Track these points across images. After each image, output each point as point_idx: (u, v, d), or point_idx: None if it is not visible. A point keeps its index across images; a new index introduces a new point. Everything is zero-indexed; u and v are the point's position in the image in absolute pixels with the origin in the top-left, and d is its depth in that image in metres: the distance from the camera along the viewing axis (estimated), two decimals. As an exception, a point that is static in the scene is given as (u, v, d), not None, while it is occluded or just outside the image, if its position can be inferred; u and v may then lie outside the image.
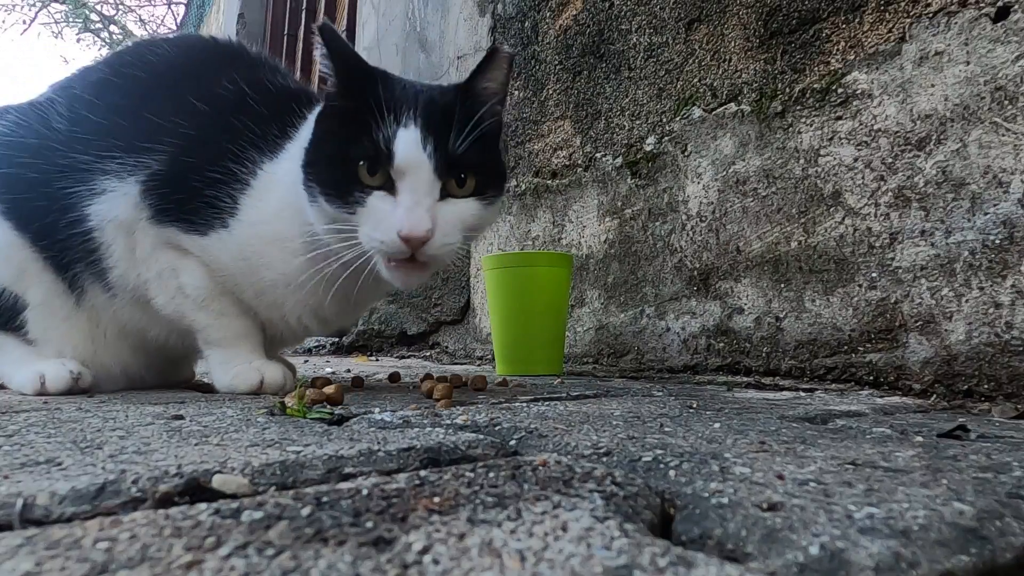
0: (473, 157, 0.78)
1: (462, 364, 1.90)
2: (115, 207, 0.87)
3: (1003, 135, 0.89)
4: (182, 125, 0.86)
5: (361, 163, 0.76)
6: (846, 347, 1.05)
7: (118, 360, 0.96)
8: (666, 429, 0.59)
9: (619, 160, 1.50)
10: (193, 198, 0.85)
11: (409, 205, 0.75)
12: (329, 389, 0.76)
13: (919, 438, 0.58)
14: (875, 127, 1.03)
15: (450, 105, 0.78)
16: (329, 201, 0.78)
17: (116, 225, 0.87)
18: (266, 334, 0.95)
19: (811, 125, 1.12)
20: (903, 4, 1.01)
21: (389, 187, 0.76)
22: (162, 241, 0.88)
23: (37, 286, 0.90)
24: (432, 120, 0.76)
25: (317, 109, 0.87)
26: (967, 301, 0.91)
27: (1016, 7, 0.88)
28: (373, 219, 0.76)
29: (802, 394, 0.99)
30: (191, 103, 0.87)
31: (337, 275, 0.81)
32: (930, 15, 0.97)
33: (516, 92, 1.83)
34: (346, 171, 0.77)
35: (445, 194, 0.78)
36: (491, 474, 0.40)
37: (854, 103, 1.06)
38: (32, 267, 0.90)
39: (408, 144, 0.75)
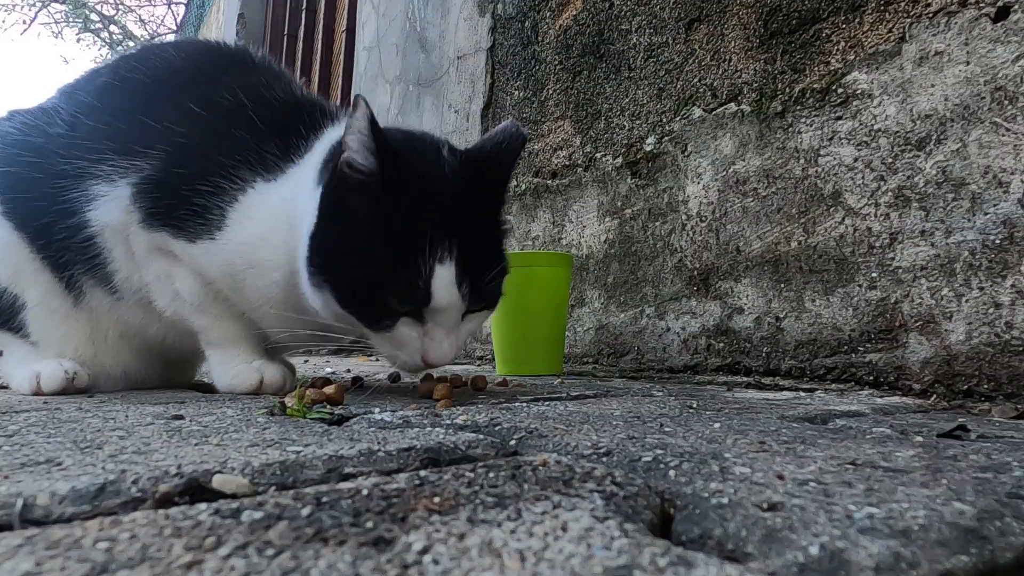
0: (498, 286, 0.80)
1: (462, 364, 1.89)
2: (109, 211, 0.86)
3: (1003, 135, 0.89)
4: (176, 131, 0.85)
5: (392, 296, 0.74)
6: (846, 347, 1.05)
7: (119, 362, 0.96)
8: (666, 429, 0.59)
9: (619, 160, 1.50)
10: (182, 205, 0.83)
11: (439, 338, 0.76)
12: (329, 389, 0.76)
13: (919, 438, 0.58)
14: (875, 127, 1.03)
15: (483, 232, 0.78)
16: (349, 311, 0.76)
17: (112, 230, 0.87)
18: (265, 341, 0.95)
19: (811, 125, 1.12)
20: (903, 4, 1.01)
21: (417, 315, 0.75)
22: (154, 246, 0.87)
23: (34, 286, 0.91)
24: (466, 253, 0.74)
25: (331, 133, 0.84)
26: (967, 301, 0.91)
27: (1016, 7, 0.88)
28: (397, 341, 0.76)
29: (802, 394, 0.99)
30: (187, 109, 0.85)
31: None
32: (930, 15, 0.97)
33: (516, 92, 1.83)
34: (373, 295, 0.74)
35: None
36: (491, 474, 0.40)
37: (854, 103, 1.06)
38: (29, 267, 0.90)
39: (445, 285, 0.72)
